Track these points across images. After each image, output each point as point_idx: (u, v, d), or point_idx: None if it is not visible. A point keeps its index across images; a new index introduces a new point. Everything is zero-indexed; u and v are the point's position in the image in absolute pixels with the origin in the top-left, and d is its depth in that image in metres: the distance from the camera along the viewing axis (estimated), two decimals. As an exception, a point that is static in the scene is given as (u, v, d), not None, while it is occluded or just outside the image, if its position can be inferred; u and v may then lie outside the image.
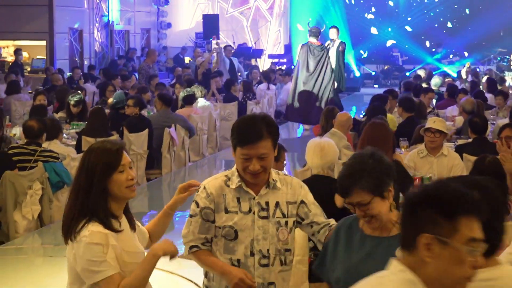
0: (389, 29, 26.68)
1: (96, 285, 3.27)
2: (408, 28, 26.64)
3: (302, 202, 3.65)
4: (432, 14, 26.61)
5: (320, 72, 16.36)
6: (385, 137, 5.57)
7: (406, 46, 25.71)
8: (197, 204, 3.56)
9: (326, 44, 17.03)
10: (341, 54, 17.18)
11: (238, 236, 3.54)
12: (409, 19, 26.68)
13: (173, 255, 3.38)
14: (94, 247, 3.23)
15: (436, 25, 26.88)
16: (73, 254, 3.29)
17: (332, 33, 17.38)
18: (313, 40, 16.67)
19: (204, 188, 3.58)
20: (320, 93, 16.21)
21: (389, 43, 26.60)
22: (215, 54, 20.14)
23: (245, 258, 3.56)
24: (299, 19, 25.43)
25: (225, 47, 20.40)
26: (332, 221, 3.72)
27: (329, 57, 16.60)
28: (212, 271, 3.58)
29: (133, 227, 3.48)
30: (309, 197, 3.68)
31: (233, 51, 21.72)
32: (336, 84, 16.51)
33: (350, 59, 23.71)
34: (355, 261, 3.37)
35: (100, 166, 3.31)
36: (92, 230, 3.24)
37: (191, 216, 3.58)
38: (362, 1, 26.81)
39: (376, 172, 3.31)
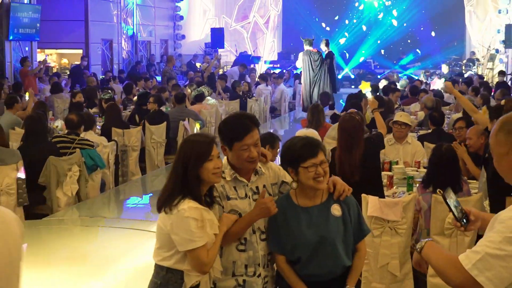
0: (363, 51, 26.30)
1: (187, 252, 3.27)
2: (378, 41, 26.47)
3: (283, 182, 3.62)
4: (400, 31, 26.38)
5: (319, 74, 16.67)
6: (356, 127, 5.57)
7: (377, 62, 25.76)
8: (214, 196, 3.47)
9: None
10: (330, 62, 17.21)
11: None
12: (378, 42, 26.36)
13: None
14: (191, 221, 3.22)
15: (403, 40, 26.68)
16: (170, 224, 3.26)
17: (322, 45, 17.43)
18: (309, 47, 16.83)
19: None
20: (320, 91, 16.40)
21: (362, 59, 26.42)
22: (216, 62, 20.38)
23: (250, 236, 3.50)
24: (290, 33, 25.50)
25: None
26: None
27: (323, 62, 16.79)
28: (243, 227, 3.47)
29: (211, 204, 3.44)
30: (288, 177, 3.62)
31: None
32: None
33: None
34: (303, 231, 3.43)
35: (194, 156, 3.31)
36: (190, 206, 3.24)
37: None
38: (337, 29, 26.53)
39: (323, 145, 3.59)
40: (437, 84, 16.90)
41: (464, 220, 2.59)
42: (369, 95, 7.65)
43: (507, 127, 2.36)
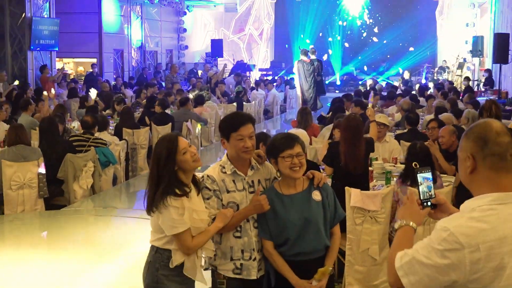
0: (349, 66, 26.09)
1: (173, 236, 3.31)
2: (359, 57, 26.27)
3: (275, 178, 3.63)
4: (380, 47, 26.11)
5: (311, 81, 17.44)
6: (359, 126, 5.61)
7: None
8: (208, 189, 3.48)
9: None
10: (318, 68, 17.75)
11: (239, 208, 3.49)
12: (359, 57, 26.16)
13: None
14: (172, 209, 3.25)
15: (384, 55, 26.41)
16: (157, 214, 3.30)
17: (311, 54, 17.70)
18: (304, 57, 17.50)
19: (208, 176, 3.50)
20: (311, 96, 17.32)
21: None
22: (223, 72, 20.70)
23: (244, 224, 3.51)
24: (282, 44, 25.51)
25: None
26: None
27: (314, 69, 17.45)
28: (239, 219, 3.49)
29: (198, 191, 3.45)
30: (278, 174, 3.64)
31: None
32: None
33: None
34: (286, 217, 3.46)
35: (164, 153, 3.32)
36: (172, 198, 3.26)
37: (207, 199, 3.48)
38: (320, 46, 26.32)
39: (302, 141, 3.55)
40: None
41: (428, 203, 2.35)
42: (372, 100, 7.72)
43: (471, 135, 2.14)
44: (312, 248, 3.49)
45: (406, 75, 21.21)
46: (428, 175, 2.37)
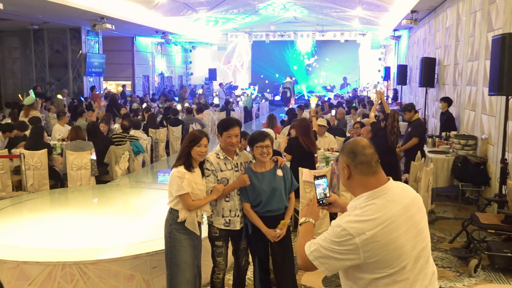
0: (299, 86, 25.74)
1: (178, 198, 3.28)
2: (311, 83, 26.14)
3: (251, 161, 3.60)
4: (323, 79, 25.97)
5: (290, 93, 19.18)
6: (308, 123, 5.69)
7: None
8: (208, 169, 3.44)
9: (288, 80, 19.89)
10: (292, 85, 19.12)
11: (228, 182, 3.46)
12: (311, 83, 25.96)
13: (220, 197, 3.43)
14: (176, 178, 3.26)
15: (323, 80, 26.47)
16: (169, 181, 3.32)
17: (288, 78, 18.52)
18: (288, 79, 20.09)
19: (207, 160, 3.46)
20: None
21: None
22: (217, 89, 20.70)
23: (231, 192, 3.48)
24: (256, 72, 25.48)
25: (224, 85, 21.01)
26: None
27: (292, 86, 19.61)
28: (229, 190, 3.44)
29: (203, 174, 3.42)
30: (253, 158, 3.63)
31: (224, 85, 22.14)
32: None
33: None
34: (259, 187, 3.45)
35: (188, 140, 3.35)
36: (179, 170, 3.28)
37: (207, 176, 3.44)
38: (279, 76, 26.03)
39: (271, 136, 3.55)
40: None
41: (322, 202, 2.16)
42: (313, 105, 7.75)
43: (345, 150, 1.96)
44: (277, 208, 3.50)
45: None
46: (323, 181, 2.18)
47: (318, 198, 2.15)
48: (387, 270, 1.78)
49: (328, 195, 2.18)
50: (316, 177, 2.19)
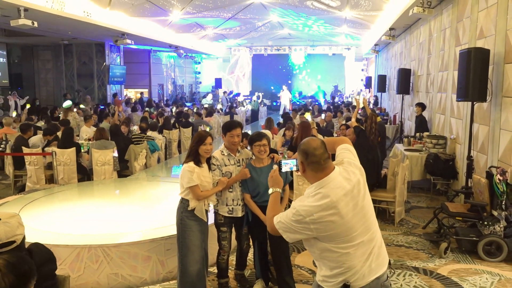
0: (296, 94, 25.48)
1: (188, 189, 3.26)
2: (302, 92, 25.95)
3: (251, 158, 3.58)
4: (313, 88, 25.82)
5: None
6: (309, 125, 5.73)
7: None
8: (214, 164, 3.43)
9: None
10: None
11: (231, 175, 3.44)
12: (302, 92, 25.77)
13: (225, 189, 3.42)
14: (186, 172, 3.24)
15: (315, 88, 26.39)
16: (180, 175, 3.30)
17: (285, 87, 18.44)
18: (284, 88, 19.91)
19: (213, 157, 3.45)
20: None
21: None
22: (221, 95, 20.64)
23: (234, 184, 3.46)
24: (256, 81, 25.40)
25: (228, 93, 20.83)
26: None
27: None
28: (232, 182, 3.42)
29: (209, 169, 3.39)
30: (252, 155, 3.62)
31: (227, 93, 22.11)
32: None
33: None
34: (258, 180, 3.43)
35: (196, 139, 3.32)
36: (189, 165, 3.25)
37: (213, 170, 3.41)
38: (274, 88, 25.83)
39: (267, 136, 3.49)
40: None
41: (281, 169, 2.33)
42: (310, 118, 7.78)
43: (300, 150, 2.04)
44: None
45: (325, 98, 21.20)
46: (291, 161, 2.33)
47: (280, 169, 2.31)
48: (339, 240, 1.91)
49: (295, 167, 2.31)
50: (284, 159, 2.37)
